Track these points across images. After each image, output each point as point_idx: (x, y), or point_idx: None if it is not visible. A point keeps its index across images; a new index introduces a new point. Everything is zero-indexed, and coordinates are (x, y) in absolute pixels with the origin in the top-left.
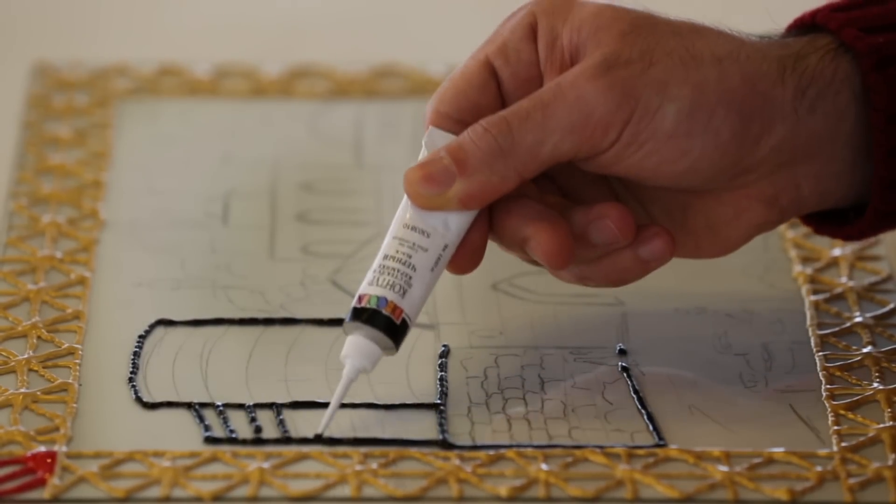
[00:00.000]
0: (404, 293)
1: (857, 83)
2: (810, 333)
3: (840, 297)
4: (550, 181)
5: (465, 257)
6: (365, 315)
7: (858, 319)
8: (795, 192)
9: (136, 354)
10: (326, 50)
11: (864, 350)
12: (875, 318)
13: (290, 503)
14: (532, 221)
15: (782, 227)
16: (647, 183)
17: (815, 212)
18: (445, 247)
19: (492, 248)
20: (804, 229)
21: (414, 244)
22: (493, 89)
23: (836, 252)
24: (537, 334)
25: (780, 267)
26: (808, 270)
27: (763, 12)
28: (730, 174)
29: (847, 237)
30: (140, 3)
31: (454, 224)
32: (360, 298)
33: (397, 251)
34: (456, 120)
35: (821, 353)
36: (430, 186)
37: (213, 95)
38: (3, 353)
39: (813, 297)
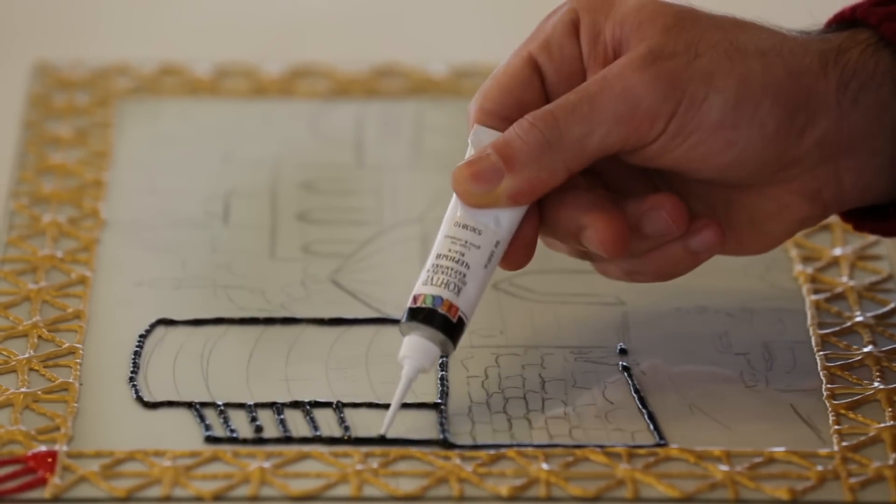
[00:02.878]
0: (459, 291)
1: None
2: (811, 333)
3: (841, 297)
4: (595, 176)
5: (518, 252)
6: (421, 315)
7: (859, 319)
8: (838, 187)
9: (137, 354)
10: (326, 50)
11: (865, 349)
12: (876, 317)
13: (291, 503)
14: (588, 211)
15: None
16: (693, 176)
17: (855, 208)
18: (497, 243)
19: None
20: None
21: (466, 242)
22: (536, 85)
23: (837, 251)
24: (538, 334)
25: (781, 266)
26: (809, 270)
27: (802, 8)
28: (774, 167)
29: (887, 233)
30: (140, 3)
31: (505, 220)
32: (414, 298)
33: (450, 250)
34: (501, 117)
35: (821, 353)
36: (478, 184)
37: (214, 95)
38: (4, 353)
39: (814, 297)
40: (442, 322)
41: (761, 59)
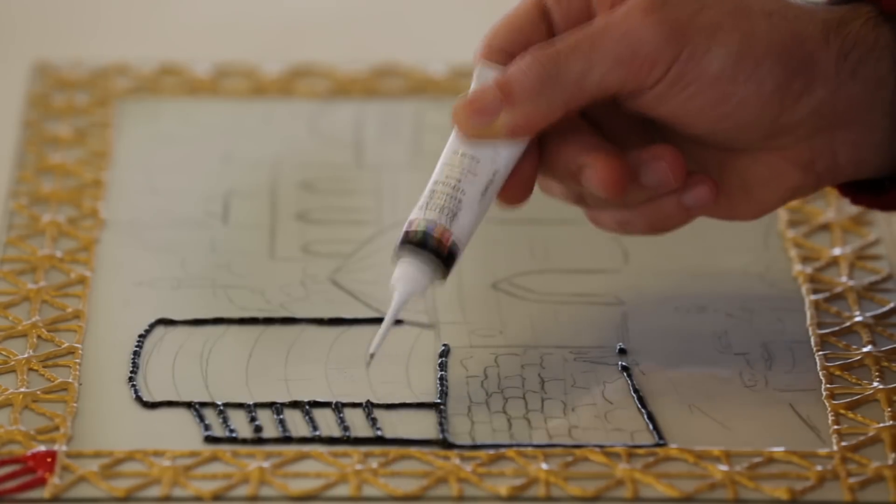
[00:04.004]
0: (454, 217)
1: None
2: (810, 333)
3: (840, 297)
4: (595, 127)
5: (515, 187)
6: (414, 240)
7: (858, 319)
8: (832, 159)
9: (136, 354)
10: (326, 49)
11: (865, 349)
12: (875, 317)
13: (290, 502)
14: (589, 150)
15: (782, 226)
16: (688, 130)
17: (851, 181)
18: (495, 172)
19: (492, 246)
20: (804, 229)
21: (463, 169)
22: (544, 28)
23: (837, 251)
24: (537, 334)
25: (780, 266)
26: (808, 270)
27: None
28: (768, 130)
29: (884, 206)
30: (140, 3)
31: (504, 152)
32: (409, 223)
33: (447, 176)
34: (507, 54)
35: (821, 353)
36: (477, 117)
37: (214, 95)
38: (3, 353)
39: (813, 297)
40: (434, 248)
41: (767, 19)
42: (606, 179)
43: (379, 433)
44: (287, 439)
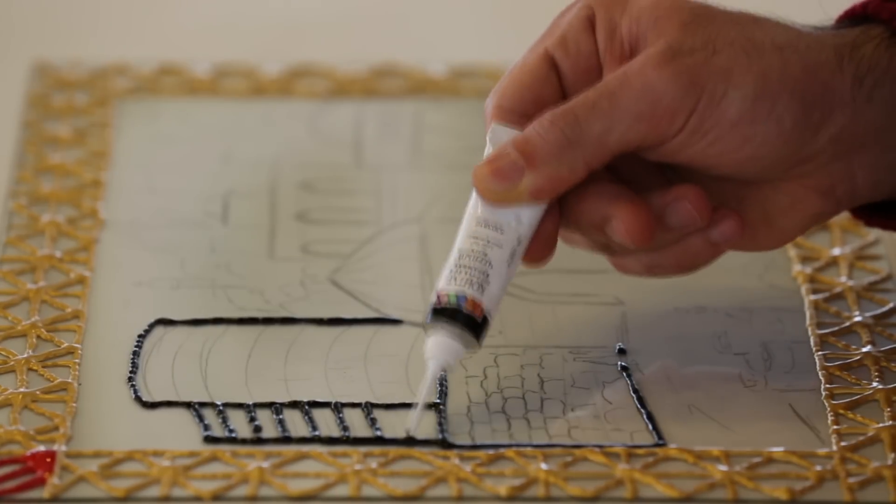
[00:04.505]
0: (483, 289)
1: None
2: (810, 333)
3: (840, 297)
4: (612, 172)
5: (539, 248)
6: (446, 314)
7: (858, 319)
8: (851, 183)
9: (136, 354)
10: (326, 50)
11: (864, 349)
12: (875, 317)
13: (290, 503)
14: (613, 202)
15: None
16: (710, 172)
17: (865, 204)
18: (519, 240)
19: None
20: None
21: (488, 240)
22: (554, 82)
23: (836, 251)
24: (537, 334)
25: (780, 266)
26: (808, 270)
27: (812, 4)
28: (790, 163)
29: None
30: (140, 3)
31: (526, 217)
32: (438, 298)
33: (472, 249)
34: (519, 114)
35: (820, 353)
36: (499, 182)
37: (213, 95)
38: (3, 353)
39: (812, 297)
40: (466, 320)
41: (778, 54)
42: (633, 230)
43: (378, 433)
44: (286, 439)
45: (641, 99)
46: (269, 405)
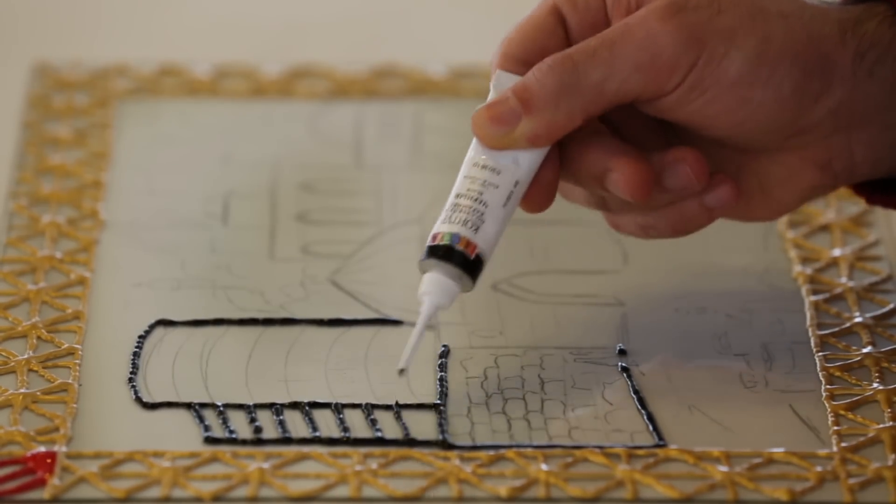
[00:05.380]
0: (477, 229)
1: None
2: (810, 334)
3: (840, 298)
4: (615, 131)
5: (537, 193)
6: (440, 252)
7: (858, 320)
8: (849, 158)
9: (136, 354)
10: (326, 50)
11: (864, 350)
12: (875, 318)
13: (290, 503)
14: (614, 154)
15: (782, 227)
16: (707, 133)
17: (866, 181)
18: (517, 183)
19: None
20: (804, 230)
21: (485, 181)
22: (560, 35)
23: (837, 252)
24: (537, 334)
25: (780, 267)
26: (808, 270)
27: None
28: (786, 132)
29: None
30: (140, 3)
31: (524, 161)
32: (433, 237)
33: (468, 189)
34: (524, 63)
35: (821, 354)
36: (497, 126)
37: (213, 95)
38: (3, 354)
39: (813, 298)
40: (460, 259)
41: (783, 21)
42: (632, 183)
43: (379, 434)
44: (287, 440)
45: (642, 49)
46: (270, 406)
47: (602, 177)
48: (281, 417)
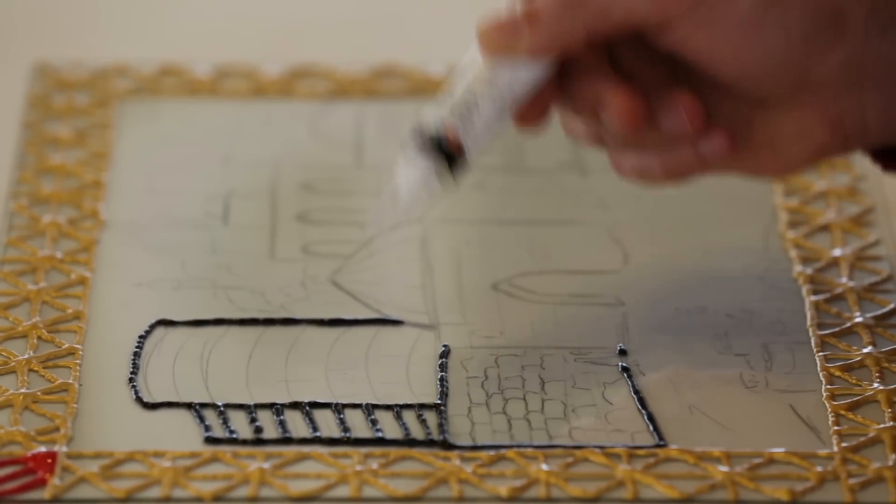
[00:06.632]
0: (464, 120)
1: None
2: (811, 334)
3: (840, 298)
4: (624, 74)
5: (532, 110)
6: (423, 135)
7: (859, 320)
8: (860, 119)
9: (137, 355)
10: (326, 50)
11: (865, 350)
12: (875, 318)
13: (291, 503)
14: (611, 86)
15: (783, 227)
16: (714, 74)
17: (883, 149)
18: (512, 94)
19: (492, 247)
20: (804, 230)
21: (482, 83)
22: None
23: (837, 252)
24: (537, 334)
25: (781, 267)
26: (809, 270)
27: None
28: (795, 82)
29: None
30: (140, 3)
31: (523, 75)
32: (420, 125)
33: (465, 90)
34: None
35: (821, 354)
36: (499, 36)
37: (214, 95)
38: (4, 354)
39: (813, 298)
40: (442, 144)
41: None
42: (624, 111)
43: (379, 434)
44: (287, 440)
45: None
46: (270, 406)
47: (597, 105)
48: (281, 417)
